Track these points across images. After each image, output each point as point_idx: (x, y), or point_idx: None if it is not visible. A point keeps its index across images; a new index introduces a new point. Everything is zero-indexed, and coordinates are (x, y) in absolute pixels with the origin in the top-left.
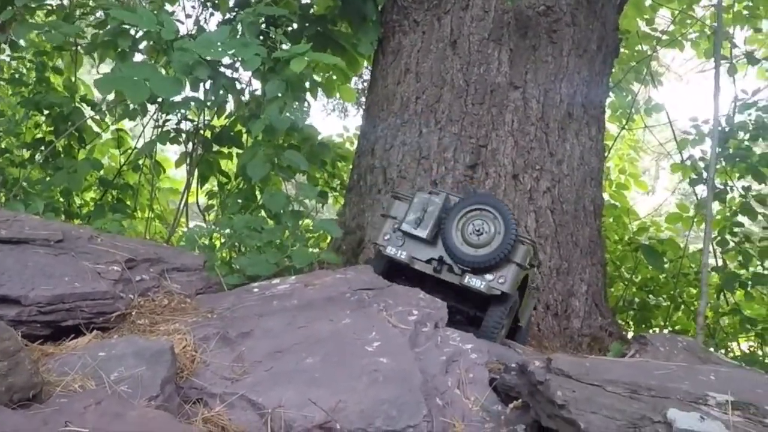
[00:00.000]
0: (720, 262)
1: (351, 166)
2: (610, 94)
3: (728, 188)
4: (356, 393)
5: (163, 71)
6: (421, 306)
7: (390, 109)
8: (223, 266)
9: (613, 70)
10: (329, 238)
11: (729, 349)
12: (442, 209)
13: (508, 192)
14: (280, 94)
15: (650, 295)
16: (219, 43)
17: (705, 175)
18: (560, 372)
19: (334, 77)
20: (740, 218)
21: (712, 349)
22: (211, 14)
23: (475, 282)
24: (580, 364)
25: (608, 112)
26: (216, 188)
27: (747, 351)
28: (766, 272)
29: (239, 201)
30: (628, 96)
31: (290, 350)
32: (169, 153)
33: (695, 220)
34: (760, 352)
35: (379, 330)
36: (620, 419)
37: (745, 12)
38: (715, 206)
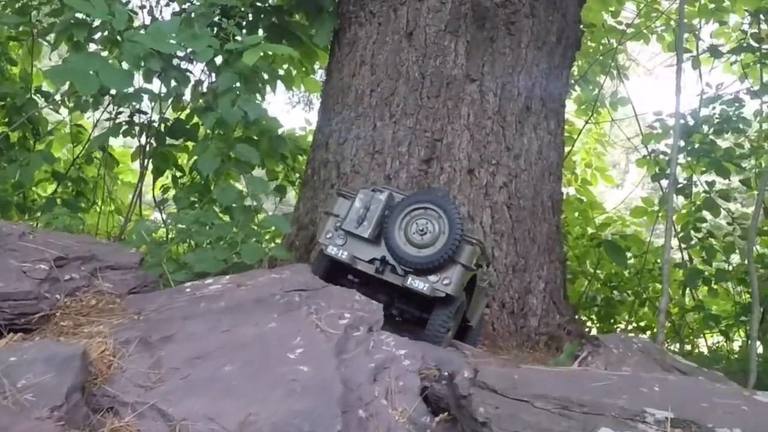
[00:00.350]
0: (686, 258)
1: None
2: (576, 87)
3: (692, 183)
4: (270, 404)
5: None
6: (354, 309)
7: (345, 102)
8: (170, 262)
9: (579, 63)
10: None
11: (695, 346)
12: (385, 207)
13: (463, 187)
14: (237, 85)
15: (614, 291)
16: (171, 35)
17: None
18: (485, 386)
19: (294, 70)
20: (705, 214)
21: (675, 347)
22: (167, 4)
23: (418, 284)
24: (508, 377)
25: (574, 105)
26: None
27: (712, 347)
28: (730, 268)
29: (190, 195)
30: (594, 89)
31: (210, 356)
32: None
33: (659, 215)
34: (725, 348)
35: (305, 335)
36: None
37: (711, 5)
38: (680, 201)
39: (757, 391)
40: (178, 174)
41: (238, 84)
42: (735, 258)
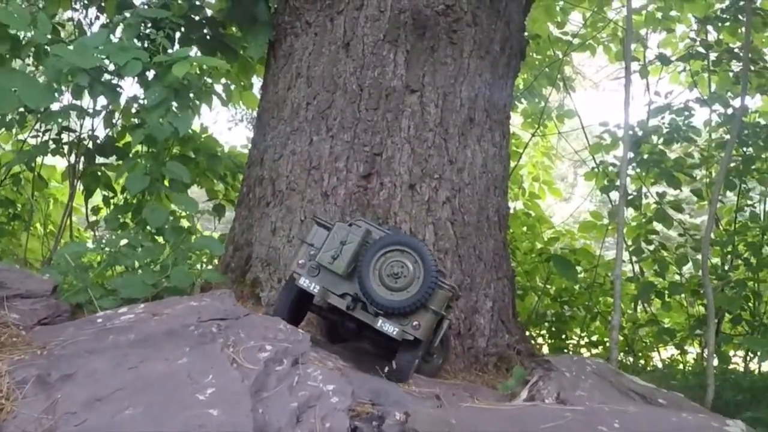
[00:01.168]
0: (638, 271)
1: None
2: (523, 100)
3: (642, 194)
4: None
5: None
6: (278, 339)
7: (280, 116)
8: (97, 288)
9: (525, 76)
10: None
11: (649, 360)
12: (361, 244)
13: (404, 203)
14: (167, 100)
15: (565, 306)
16: (96, 48)
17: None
18: None
19: (232, 85)
20: (656, 226)
21: (629, 361)
22: (96, 17)
23: (388, 327)
24: (443, 422)
25: (520, 118)
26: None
27: (666, 361)
28: (683, 280)
29: (119, 216)
30: (540, 102)
31: (111, 398)
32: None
33: (609, 228)
34: (679, 361)
35: (218, 372)
36: None
37: (658, 14)
38: (631, 213)
39: (727, 420)
40: (110, 194)
41: (167, 98)
42: (687, 269)
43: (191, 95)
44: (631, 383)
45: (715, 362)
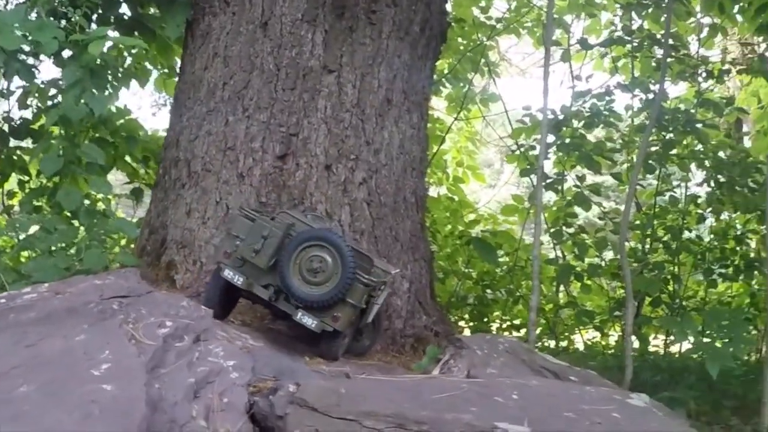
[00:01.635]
0: (559, 254)
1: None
2: (447, 84)
3: (563, 178)
4: None
5: None
6: (180, 316)
7: (196, 97)
8: (9, 273)
9: (450, 60)
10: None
11: (571, 342)
12: (283, 237)
13: (320, 184)
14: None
15: (487, 290)
16: (14, 26)
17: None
18: (304, 403)
19: (152, 67)
20: (577, 209)
21: (551, 344)
22: None
23: (306, 320)
24: (333, 392)
25: (444, 102)
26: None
27: (587, 343)
28: (603, 264)
29: (34, 200)
30: (465, 87)
31: (7, 375)
32: None
33: (531, 211)
34: (600, 344)
35: (115, 348)
36: None
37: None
38: (553, 197)
39: (631, 393)
40: (25, 178)
41: (83, 78)
42: (609, 253)
43: (109, 76)
44: (543, 361)
45: (636, 344)
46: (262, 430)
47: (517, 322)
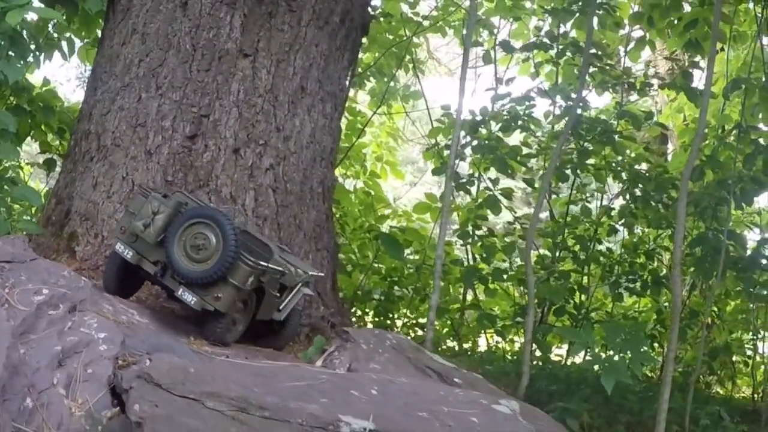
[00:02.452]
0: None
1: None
2: (371, 78)
3: (475, 179)
4: None
5: None
6: (58, 285)
7: (112, 71)
8: None
9: (375, 54)
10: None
11: (476, 345)
12: (172, 214)
13: (227, 167)
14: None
15: (395, 287)
16: None
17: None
18: (150, 379)
19: (77, 40)
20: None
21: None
22: None
23: (187, 296)
24: (181, 370)
25: (367, 97)
26: None
27: (491, 347)
28: (512, 268)
29: None
30: (389, 82)
31: None
32: None
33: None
34: (504, 349)
35: None
36: None
37: (508, 2)
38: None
39: (501, 400)
40: None
41: (1, 46)
42: (519, 259)
43: (32, 45)
44: (429, 361)
45: (538, 353)
46: (121, 404)
47: (422, 320)
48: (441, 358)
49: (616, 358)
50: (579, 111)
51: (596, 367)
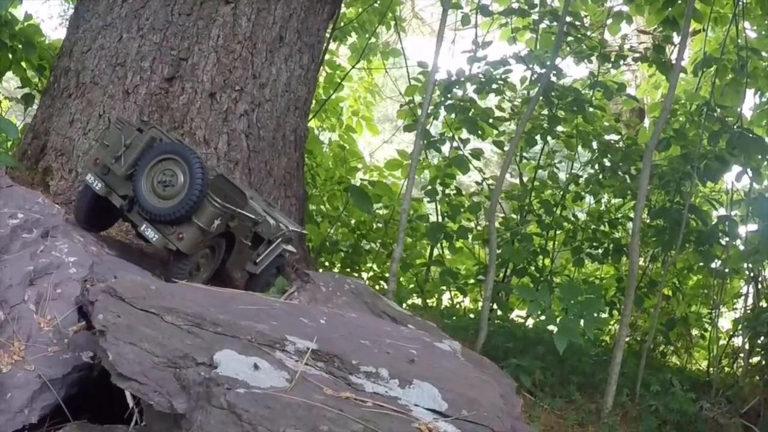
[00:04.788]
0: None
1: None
2: (353, 34)
3: (447, 139)
4: None
5: None
6: (33, 211)
7: (95, 10)
8: None
9: (360, 10)
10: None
11: (440, 301)
12: (144, 149)
13: (202, 110)
14: None
15: (363, 240)
16: None
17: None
18: (114, 293)
19: None
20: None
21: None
22: None
23: (149, 233)
24: (143, 287)
25: (348, 52)
26: None
27: (454, 304)
28: (479, 227)
29: None
30: (371, 38)
31: None
32: None
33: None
34: (465, 307)
35: None
36: (159, 355)
37: None
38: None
39: (444, 340)
40: None
41: None
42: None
43: None
44: (386, 306)
45: (500, 312)
46: (87, 321)
47: (388, 274)
48: (396, 305)
49: (568, 319)
50: (552, 78)
51: (551, 327)
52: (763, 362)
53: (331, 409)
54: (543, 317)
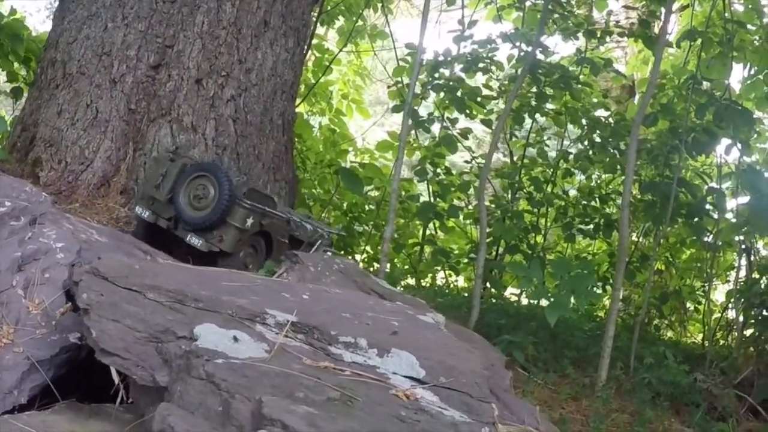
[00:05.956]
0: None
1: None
2: (340, 17)
3: (435, 118)
4: None
5: None
6: (21, 198)
7: (80, 1)
8: None
9: None
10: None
11: (434, 280)
12: (177, 175)
13: (189, 97)
14: None
15: (356, 222)
16: None
17: None
18: (97, 273)
19: None
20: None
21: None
22: None
23: (194, 240)
24: (127, 267)
25: (336, 36)
26: None
27: (446, 282)
28: (470, 206)
29: None
30: (357, 21)
31: None
32: None
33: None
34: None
35: None
36: (141, 331)
37: None
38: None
39: (428, 313)
40: None
41: None
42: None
43: None
44: (375, 285)
45: (494, 290)
46: (73, 301)
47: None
48: (386, 283)
49: (561, 293)
50: (538, 55)
51: (543, 302)
52: (757, 333)
53: (308, 377)
54: (535, 292)
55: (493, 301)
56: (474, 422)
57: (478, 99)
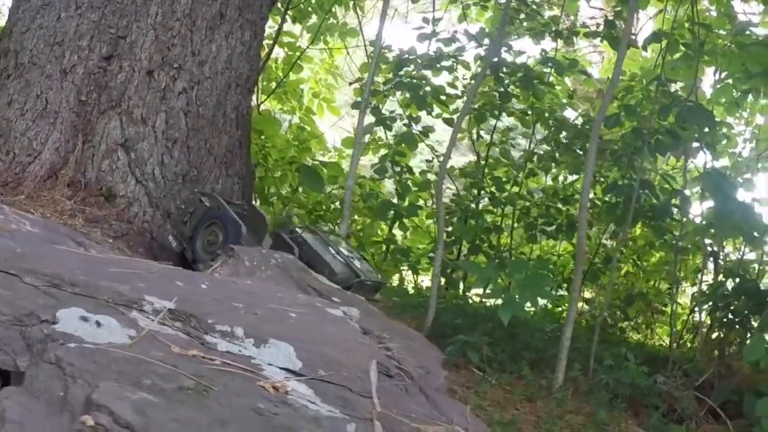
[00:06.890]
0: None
1: None
2: (313, 16)
3: (397, 117)
4: None
5: None
6: None
7: None
8: None
9: None
10: None
11: (401, 280)
12: (200, 217)
13: (140, 88)
14: None
15: (319, 220)
16: None
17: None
18: None
19: None
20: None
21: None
22: None
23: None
24: (8, 251)
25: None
26: None
27: (407, 282)
28: (427, 205)
29: None
30: (330, 19)
31: None
32: None
33: (370, 147)
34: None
35: None
36: (7, 314)
37: None
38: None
39: (341, 308)
40: None
41: None
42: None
43: None
44: (313, 281)
45: (457, 291)
46: None
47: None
48: (325, 279)
49: (514, 293)
50: (505, 55)
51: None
52: (721, 335)
53: (164, 365)
54: (493, 291)
55: (454, 301)
56: (341, 417)
57: (442, 98)
